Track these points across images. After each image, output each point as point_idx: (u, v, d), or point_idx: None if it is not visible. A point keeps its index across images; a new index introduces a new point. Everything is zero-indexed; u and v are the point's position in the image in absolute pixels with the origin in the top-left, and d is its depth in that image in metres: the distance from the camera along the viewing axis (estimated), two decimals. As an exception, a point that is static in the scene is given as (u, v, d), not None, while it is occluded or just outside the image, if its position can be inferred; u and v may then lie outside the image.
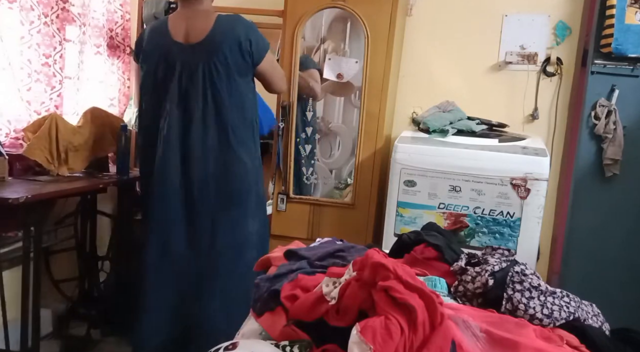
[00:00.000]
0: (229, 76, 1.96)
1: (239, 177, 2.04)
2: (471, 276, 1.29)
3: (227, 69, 1.95)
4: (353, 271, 1.08)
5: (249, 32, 1.97)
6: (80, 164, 2.38)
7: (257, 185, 2.14)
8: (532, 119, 2.82)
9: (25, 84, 2.38)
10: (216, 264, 2.09)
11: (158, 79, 2.02)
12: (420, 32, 2.91)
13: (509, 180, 2.14)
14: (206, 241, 2.07)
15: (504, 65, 2.83)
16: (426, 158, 2.23)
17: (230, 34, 1.95)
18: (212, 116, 1.97)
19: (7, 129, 2.32)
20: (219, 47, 1.93)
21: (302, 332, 1.05)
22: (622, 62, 2.46)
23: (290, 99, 2.63)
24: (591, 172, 2.54)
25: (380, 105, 2.55)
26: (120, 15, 3.00)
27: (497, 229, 2.17)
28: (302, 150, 2.68)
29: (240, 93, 2.00)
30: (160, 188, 2.06)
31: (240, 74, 1.99)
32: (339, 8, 2.54)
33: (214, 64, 1.94)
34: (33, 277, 2.08)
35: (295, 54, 2.60)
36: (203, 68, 1.94)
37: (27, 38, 2.36)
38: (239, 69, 1.98)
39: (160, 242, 2.09)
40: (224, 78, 1.96)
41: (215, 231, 2.07)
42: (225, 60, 1.94)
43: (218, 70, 1.94)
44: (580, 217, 2.56)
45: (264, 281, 1.33)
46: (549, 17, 2.77)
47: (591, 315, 1.23)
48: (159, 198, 2.07)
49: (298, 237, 2.19)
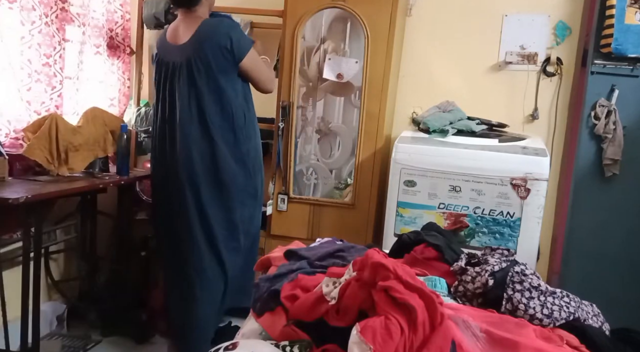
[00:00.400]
0: (208, 73, 2.11)
1: (220, 166, 2.18)
2: (471, 276, 1.29)
3: (207, 66, 2.10)
4: (353, 271, 1.08)
5: (230, 31, 2.11)
6: (80, 164, 2.38)
7: (245, 176, 2.25)
8: (532, 119, 2.82)
9: (25, 84, 2.38)
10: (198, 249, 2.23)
11: (158, 78, 2.24)
12: (420, 32, 2.91)
13: (509, 180, 2.14)
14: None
15: (504, 65, 2.83)
16: (426, 158, 2.23)
17: (212, 33, 2.10)
18: (195, 109, 2.14)
19: (7, 129, 2.32)
20: (200, 46, 2.09)
21: (302, 332, 1.05)
22: (622, 62, 2.45)
23: (290, 99, 2.63)
24: (591, 172, 2.54)
25: (380, 105, 2.55)
26: (120, 15, 3.00)
27: (497, 229, 2.17)
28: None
29: (220, 88, 2.13)
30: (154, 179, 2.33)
31: (221, 71, 2.12)
32: (339, 8, 2.54)
33: (195, 61, 2.10)
34: (33, 277, 2.08)
35: (295, 54, 2.60)
36: (187, 65, 2.11)
37: (27, 38, 2.36)
38: (220, 67, 2.11)
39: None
40: (204, 75, 2.11)
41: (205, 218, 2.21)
42: (206, 58, 2.09)
43: (199, 68, 2.10)
44: (580, 217, 2.56)
45: (264, 281, 1.34)
46: (549, 17, 2.77)
47: (591, 315, 1.23)
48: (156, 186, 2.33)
49: (298, 237, 2.20)
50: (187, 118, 2.14)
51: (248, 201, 2.29)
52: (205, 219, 2.20)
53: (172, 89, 2.17)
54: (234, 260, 2.28)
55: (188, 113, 2.14)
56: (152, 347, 2.59)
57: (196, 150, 2.15)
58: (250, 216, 2.34)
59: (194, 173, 2.17)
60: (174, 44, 2.17)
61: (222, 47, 2.07)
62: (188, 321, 2.24)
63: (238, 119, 2.20)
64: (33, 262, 2.08)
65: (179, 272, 2.26)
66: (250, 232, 2.35)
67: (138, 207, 2.87)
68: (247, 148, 2.25)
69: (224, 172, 2.18)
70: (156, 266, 2.72)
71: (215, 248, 2.22)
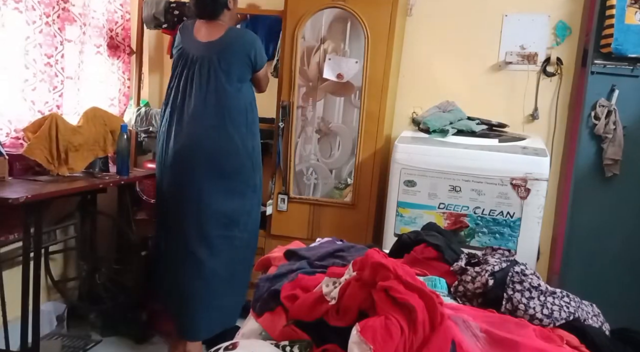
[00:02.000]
0: (229, 72, 2.27)
1: (230, 155, 2.29)
2: (471, 276, 1.30)
3: (229, 65, 2.27)
4: (353, 271, 1.08)
5: (255, 43, 2.33)
6: (80, 164, 2.38)
7: (249, 169, 2.34)
8: (532, 119, 2.82)
9: (30, 83, 2.38)
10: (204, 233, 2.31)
11: (176, 66, 2.36)
12: (420, 32, 2.91)
13: (509, 180, 2.14)
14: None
15: (504, 65, 2.83)
16: (426, 158, 2.23)
17: (240, 40, 2.31)
18: (212, 100, 2.26)
19: (8, 128, 2.32)
20: (227, 48, 2.28)
21: (302, 332, 1.05)
22: (622, 62, 2.45)
23: (290, 99, 2.63)
24: (591, 172, 2.54)
25: (380, 105, 2.55)
26: (120, 15, 3.00)
27: (497, 229, 2.17)
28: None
29: (237, 86, 2.30)
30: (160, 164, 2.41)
31: (240, 72, 2.31)
32: (339, 8, 2.55)
33: (220, 59, 2.26)
34: (33, 277, 2.08)
35: (295, 54, 2.60)
36: (209, 61, 2.26)
37: (32, 38, 2.36)
38: (240, 69, 2.30)
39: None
40: (225, 73, 2.26)
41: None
42: (230, 58, 2.27)
43: (222, 66, 2.26)
44: (580, 217, 2.56)
45: (264, 281, 1.34)
46: (549, 17, 2.77)
47: (591, 315, 1.23)
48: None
49: (298, 237, 2.20)
50: (202, 107, 2.26)
51: (249, 194, 2.37)
52: (203, 203, 2.27)
53: (190, 79, 2.29)
54: (225, 250, 2.33)
55: (203, 103, 2.25)
56: (152, 347, 2.59)
57: (207, 137, 2.26)
58: (249, 210, 2.39)
59: (199, 158, 2.26)
60: (199, 41, 2.30)
61: (246, 55, 2.28)
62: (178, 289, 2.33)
63: (249, 116, 2.34)
64: (33, 262, 2.08)
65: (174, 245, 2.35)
66: (247, 227, 2.39)
67: (138, 207, 2.87)
68: (253, 144, 2.36)
69: (232, 161, 2.29)
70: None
71: (206, 233, 2.28)
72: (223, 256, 2.32)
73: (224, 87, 2.26)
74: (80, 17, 2.65)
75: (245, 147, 2.31)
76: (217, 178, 2.28)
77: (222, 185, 2.29)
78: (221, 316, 2.37)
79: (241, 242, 2.37)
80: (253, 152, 2.36)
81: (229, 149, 2.28)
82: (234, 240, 2.34)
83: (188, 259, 2.30)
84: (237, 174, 2.32)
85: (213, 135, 2.26)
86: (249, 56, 2.29)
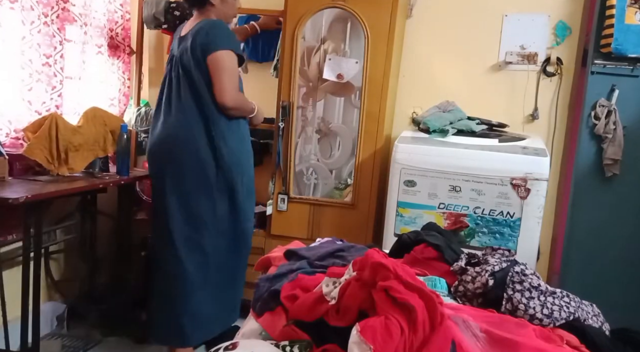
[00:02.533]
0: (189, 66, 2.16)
1: (192, 153, 2.20)
2: (471, 276, 1.30)
3: (189, 60, 2.16)
4: (353, 271, 1.08)
5: (211, 29, 2.14)
6: (80, 164, 2.38)
7: (214, 169, 2.21)
8: (532, 119, 2.82)
9: (26, 84, 2.38)
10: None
11: (167, 66, 2.33)
12: (420, 32, 2.91)
13: (509, 180, 2.14)
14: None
15: (504, 65, 2.83)
16: (426, 158, 2.23)
17: (200, 28, 2.16)
18: (175, 99, 2.21)
19: (8, 129, 2.32)
20: (191, 39, 2.16)
21: (302, 332, 1.05)
22: (622, 62, 2.45)
23: (290, 99, 2.63)
24: (591, 172, 2.54)
25: (380, 105, 2.55)
26: (120, 15, 3.00)
27: (497, 229, 2.17)
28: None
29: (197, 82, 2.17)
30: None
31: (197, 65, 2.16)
32: (339, 8, 2.54)
33: (182, 54, 2.19)
34: (33, 277, 2.08)
35: (296, 54, 2.60)
36: (179, 57, 2.21)
37: (28, 38, 2.36)
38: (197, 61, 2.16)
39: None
40: (187, 68, 2.17)
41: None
42: (193, 52, 2.15)
43: (184, 61, 2.18)
44: (580, 217, 2.56)
45: (264, 281, 1.34)
46: (549, 17, 2.77)
47: (591, 315, 1.23)
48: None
49: (298, 237, 2.20)
50: (167, 107, 2.24)
51: (217, 195, 2.22)
52: (167, 205, 2.21)
53: (168, 78, 2.27)
54: (193, 254, 2.21)
55: (168, 101, 2.24)
56: (152, 348, 2.59)
57: (171, 136, 2.21)
58: (222, 214, 2.24)
59: (163, 158, 2.25)
60: (180, 36, 2.27)
61: (200, 43, 2.12)
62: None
63: (212, 114, 2.18)
64: (33, 262, 2.08)
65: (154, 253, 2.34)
66: (221, 230, 2.25)
67: (138, 207, 2.87)
68: (226, 141, 2.21)
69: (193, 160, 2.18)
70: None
71: (171, 238, 2.20)
72: (191, 261, 2.20)
73: (185, 84, 2.17)
74: (80, 17, 2.65)
75: (213, 144, 2.18)
76: (178, 177, 2.20)
77: (184, 184, 2.20)
78: (199, 323, 2.24)
79: (215, 247, 2.23)
80: (220, 152, 2.19)
81: (189, 148, 2.18)
82: (204, 245, 2.21)
83: (155, 262, 2.29)
84: (198, 173, 2.19)
85: (179, 134, 2.19)
86: (201, 43, 2.12)
